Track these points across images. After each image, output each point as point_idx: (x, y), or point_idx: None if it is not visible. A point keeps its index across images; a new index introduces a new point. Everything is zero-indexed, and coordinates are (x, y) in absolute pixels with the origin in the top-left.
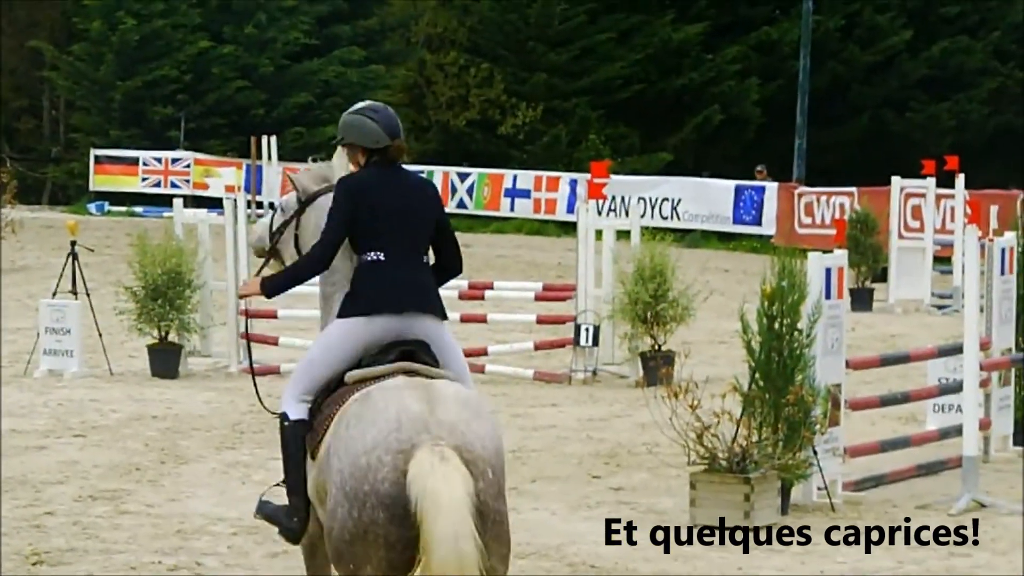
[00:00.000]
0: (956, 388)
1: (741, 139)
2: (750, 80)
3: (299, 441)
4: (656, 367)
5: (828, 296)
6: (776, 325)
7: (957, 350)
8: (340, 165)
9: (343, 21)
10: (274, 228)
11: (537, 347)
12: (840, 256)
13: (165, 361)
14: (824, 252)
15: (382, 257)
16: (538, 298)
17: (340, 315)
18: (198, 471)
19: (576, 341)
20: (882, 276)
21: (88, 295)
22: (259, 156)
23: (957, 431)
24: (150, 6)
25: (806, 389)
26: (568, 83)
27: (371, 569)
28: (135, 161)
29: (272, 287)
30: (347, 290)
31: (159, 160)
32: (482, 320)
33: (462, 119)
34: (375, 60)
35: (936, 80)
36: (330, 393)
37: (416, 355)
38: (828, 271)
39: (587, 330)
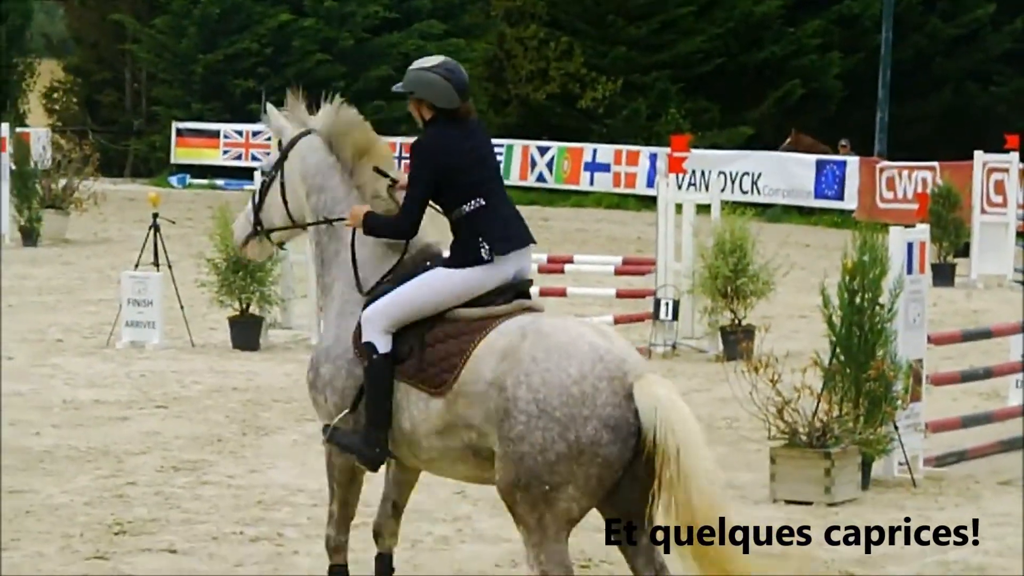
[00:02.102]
0: None
1: (822, 113)
2: (832, 54)
3: (388, 374)
4: (736, 341)
5: (910, 271)
6: (857, 300)
7: None
8: (322, 115)
9: None
10: (257, 192)
11: (617, 321)
12: (922, 231)
13: (246, 333)
14: (906, 227)
15: (482, 203)
16: (618, 272)
17: (457, 264)
18: (279, 442)
19: (656, 315)
20: (964, 251)
21: (170, 267)
22: None
23: None
24: None
25: (887, 364)
26: (648, 56)
27: (573, 489)
28: (216, 134)
29: (368, 226)
30: (345, 280)
31: (240, 133)
32: (562, 294)
33: (542, 93)
34: (455, 33)
35: (1020, 53)
36: (423, 327)
37: (526, 294)
38: (910, 246)
39: (667, 304)
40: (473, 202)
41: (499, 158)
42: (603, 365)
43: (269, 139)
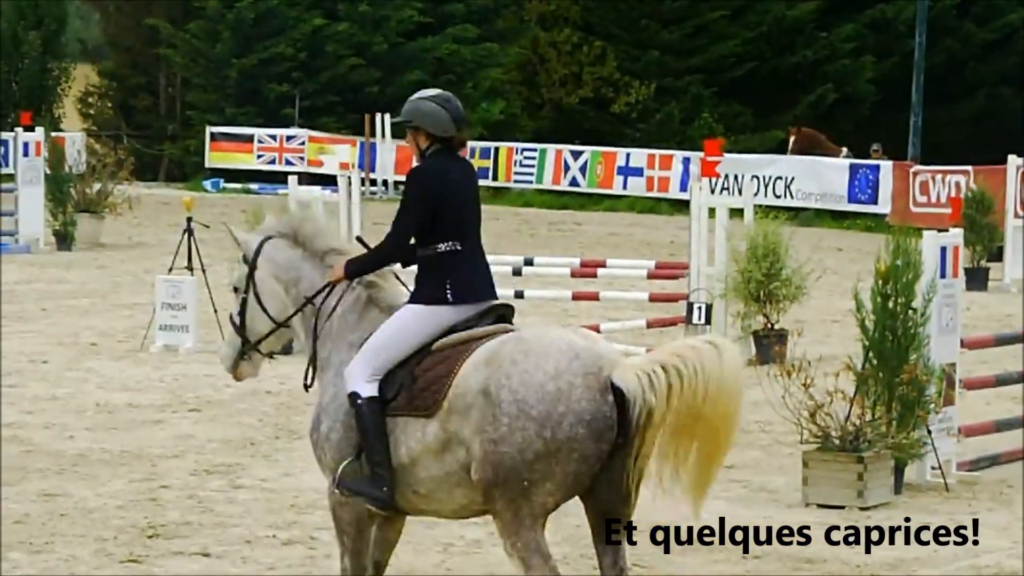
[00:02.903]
0: None
1: (855, 117)
2: (865, 58)
3: (377, 416)
4: (769, 345)
5: (943, 275)
6: (890, 304)
7: None
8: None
9: None
10: (235, 313)
11: (649, 325)
12: (955, 235)
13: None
14: (939, 231)
15: (458, 247)
16: (651, 276)
17: (419, 301)
18: (312, 446)
19: (688, 319)
20: (998, 255)
21: (204, 271)
22: (373, 134)
23: None
24: None
25: (920, 368)
26: (681, 61)
27: (551, 485)
28: (250, 138)
29: (355, 271)
30: (339, 345)
31: (274, 137)
32: (594, 298)
33: (575, 97)
34: (488, 38)
35: None
36: (411, 363)
37: (507, 318)
38: (943, 250)
39: (700, 308)
40: (449, 243)
41: (532, 162)
42: (579, 362)
43: (303, 143)
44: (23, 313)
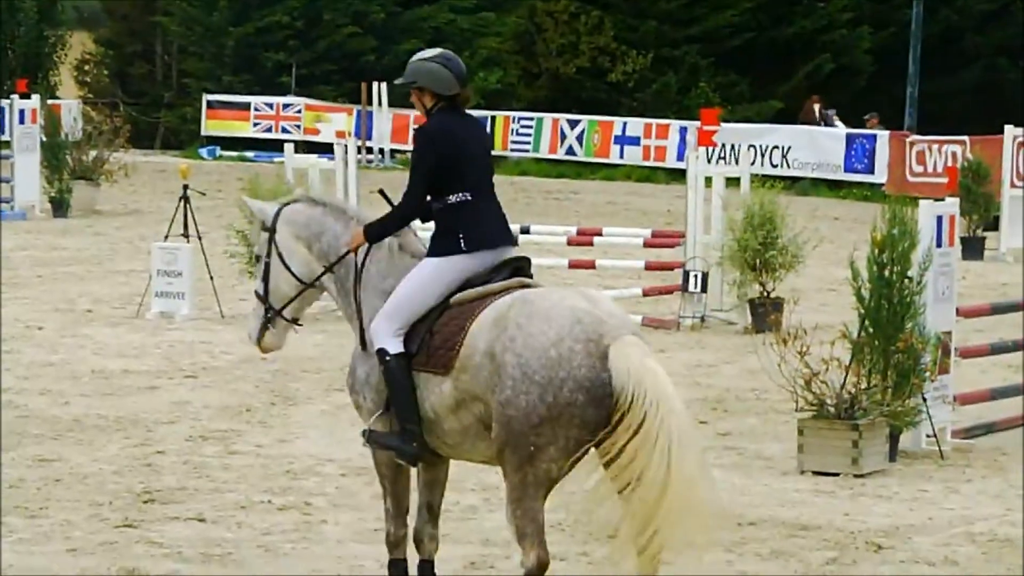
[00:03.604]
0: None
1: (852, 87)
2: (862, 28)
3: (405, 371)
4: (765, 314)
5: (939, 244)
6: (886, 273)
7: None
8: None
9: None
10: (259, 281)
11: (646, 293)
12: (951, 204)
13: None
14: (935, 200)
15: (468, 197)
16: (647, 244)
17: (435, 253)
18: (307, 412)
19: (684, 287)
20: (994, 225)
21: (200, 238)
22: (369, 102)
23: None
24: None
25: (916, 337)
26: (678, 31)
27: (554, 450)
28: (247, 106)
29: (375, 234)
30: (371, 291)
31: (270, 106)
32: (591, 266)
33: (572, 66)
34: (485, 7)
35: None
36: (431, 319)
37: (524, 271)
38: (939, 219)
39: (696, 276)
40: (460, 195)
41: (529, 131)
42: (580, 327)
43: (299, 112)
44: (19, 279)
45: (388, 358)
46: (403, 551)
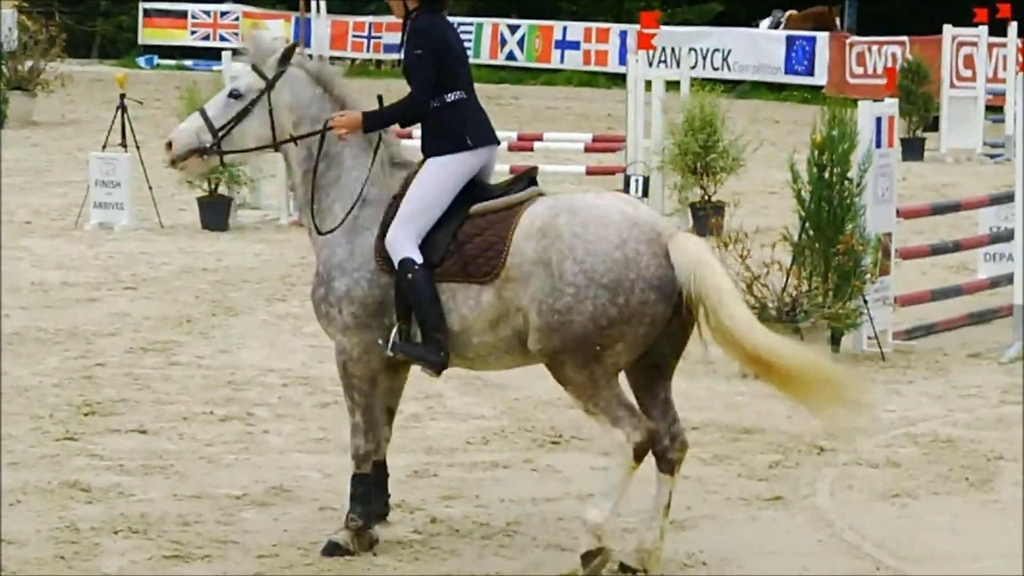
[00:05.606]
0: (1007, 237)
1: None
2: None
3: (431, 282)
4: (706, 217)
5: (879, 145)
6: (826, 174)
7: (1009, 198)
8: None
9: None
10: (229, 118)
11: None
12: (891, 105)
13: (215, 214)
14: (875, 101)
15: (463, 95)
16: (588, 149)
17: (441, 152)
18: (248, 323)
19: (626, 191)
20: (933, 125)
21: (138, 148)
22: (307, 9)
23: (1008, 280)
24: None
25: (856, 238)
26: None
27: (622, 346)
28: (184, 14)
29: (373, 123)
30: (348, 199)
31: (208, 13)
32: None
33: None
34: None
35: None
36: (450, 227)
37: (536, 182)
38: (879, 120)
39: (637, 181)
40: (457, 93)
41: (469, 37)
42: (638, 229)
43: (237, 19)
44: None
45: (416, 267)
46: (370, 466)
